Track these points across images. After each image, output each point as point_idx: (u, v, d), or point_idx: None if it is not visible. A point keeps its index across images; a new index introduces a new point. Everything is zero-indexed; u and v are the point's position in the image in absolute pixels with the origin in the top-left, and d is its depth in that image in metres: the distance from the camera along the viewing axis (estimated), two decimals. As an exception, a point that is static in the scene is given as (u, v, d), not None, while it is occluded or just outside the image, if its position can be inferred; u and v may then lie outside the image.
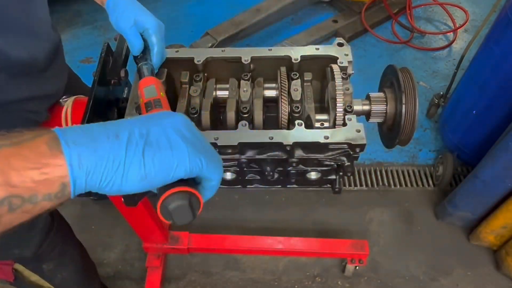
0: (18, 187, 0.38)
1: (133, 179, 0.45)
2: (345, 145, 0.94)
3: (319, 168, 1.03)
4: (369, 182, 2.31)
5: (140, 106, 1.00)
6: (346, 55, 1.06)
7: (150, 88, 0.84)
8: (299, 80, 1.04)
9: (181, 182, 0.52)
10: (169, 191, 0.51)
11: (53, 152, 0.40)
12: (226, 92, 1.07)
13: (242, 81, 1.04)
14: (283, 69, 1.06)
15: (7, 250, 1.28)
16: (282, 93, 1.00)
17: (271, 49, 1.08)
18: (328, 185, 1.14)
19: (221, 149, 0.95)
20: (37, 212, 0.41)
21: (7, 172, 0.37)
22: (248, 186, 1.14)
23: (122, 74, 1.08)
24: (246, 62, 1.05)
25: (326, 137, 0.92)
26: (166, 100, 0.82)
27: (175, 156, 0.48)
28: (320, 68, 1.09)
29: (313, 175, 1.05)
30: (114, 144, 0.43)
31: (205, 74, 1.10)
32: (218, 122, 1.07)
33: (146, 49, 0.98)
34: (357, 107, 1.01)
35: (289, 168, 1.02)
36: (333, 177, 1.08)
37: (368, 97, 1.04)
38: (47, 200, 0.40)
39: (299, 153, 0.96)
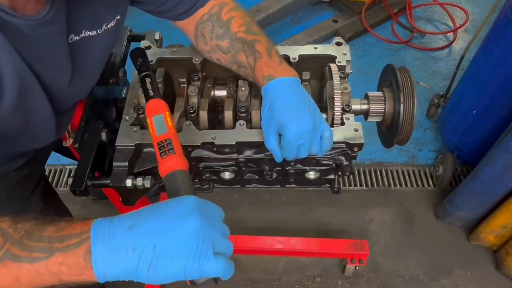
0: (65, 281, 0.61)
1: (143, 280, 0.61)
2: (343, 145, 0.94)
3: (317, 168, 1.03)
4: (369, 182, 2.31)
5: (136, 106, 0.98)
6: (345, 54, 1.06)
7: (159, 118, 0.79)
8: (298, 79, 1.04)
9: None
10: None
11: (87, 267, 0.60)
12: (224, 92, 1.07)
13: (240, 81, 1.04)
14: (281, 68, 1.06)
15: None
16: (280, 93, 1.00)
17: (269, 49, 1.08)
18: (327, 185, 1.14)
19: (219, 148, 0.95)
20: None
21: (60, 276, 0.61)
22: (247, 186, 1.15)
23: (121, 74, 1.08)
24: (244, 62, 1.05)
25: (324, 137, 0.92)
26: (176, 135, 0.78)
27: (176, 269, 0.60)
28: (319, 67, 1.09)
29: (311, 175, 1.05)
30: (129, 258, 0.59)
31: (203, 74, 1.10)
32: (216, 121, 1.07)
33: None
34: (355, 106, 1.01)
35: (287, 168, 1.02)
36: (332, 176, 1.08)
37: (366, 96, 1.04)
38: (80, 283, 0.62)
39: (297, 152, 0.96)
